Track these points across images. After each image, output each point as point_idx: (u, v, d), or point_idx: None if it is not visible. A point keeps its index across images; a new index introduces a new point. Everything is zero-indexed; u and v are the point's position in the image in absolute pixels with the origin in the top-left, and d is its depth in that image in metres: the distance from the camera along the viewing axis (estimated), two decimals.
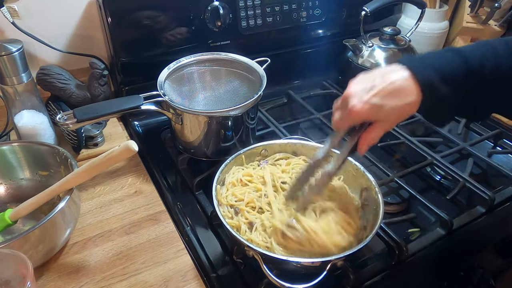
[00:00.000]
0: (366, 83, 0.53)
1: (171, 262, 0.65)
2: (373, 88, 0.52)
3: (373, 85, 0.52)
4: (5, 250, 0.50)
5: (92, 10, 0.94)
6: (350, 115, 0.53)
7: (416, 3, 1.06)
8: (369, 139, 0.56)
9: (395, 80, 0.52)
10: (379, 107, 0.52)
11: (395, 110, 0.52)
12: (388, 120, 0.54)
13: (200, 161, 0.84)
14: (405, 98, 0.52)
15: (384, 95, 0.51)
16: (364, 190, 0.68)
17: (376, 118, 0.54)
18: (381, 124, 0.55)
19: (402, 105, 0.52)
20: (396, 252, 0.66)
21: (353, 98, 0.52)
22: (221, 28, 0.97)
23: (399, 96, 0.52)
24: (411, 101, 0.52)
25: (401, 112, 0.53)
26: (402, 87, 0.51)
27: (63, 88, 0.88)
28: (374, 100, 0.51)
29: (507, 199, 0.79)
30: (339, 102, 0.56)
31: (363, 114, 0.52)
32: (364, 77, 0.55)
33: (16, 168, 0.72)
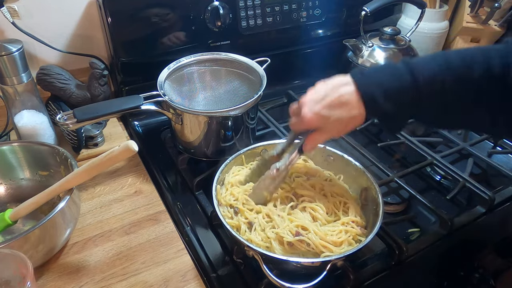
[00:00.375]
0: (319, 94, 0.57)
1: (171, 262, 0.65)
2: (324, 99, 0.56)
3: (325, 96, 0.56)
4: (5, 250, 0.50)
5: (92, 10, 0.94)
6: (302, 122, 0.58)
7: (416, 3, 1.06)
8: (314, 141, 0.61)
9: (343, 93, 0.55)
10: (326, 118, 0.56)
11: (340, 121, 0.56)
12: (333, 129, 0.59)
13: (200, 161, 0.84)
14: (350, 112, 0.55)
15: (331, 107, 0.56)
16: (364, 190, 0.68)
17: (324, 127, 0.58)
18: (326, 131, 0.59)
19: (347, 117, 0.56)
20: (396, 252, 0.66)
21: (305, 107, 0.57)
22: (221, 28, 0.97)
23: (345, 109, 0.55)
24: (355, 115, 0.55)
25: (346, 123, 0.57)
26: (348, 101, 0.55)
27: (63, 88, 0.88)
28: (322, 112, 0.56)
29: (507, 199, 0.79)
30: (295, 106, 0.60)
31: (313, 123, 0.57)
32: (320, 86, 0.58)
33: (16, 168, 0.72)
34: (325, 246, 0.59)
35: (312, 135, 0.60)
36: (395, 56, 1.05)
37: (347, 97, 0.55)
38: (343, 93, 0.55)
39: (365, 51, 1.06)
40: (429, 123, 0.62)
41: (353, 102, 0.55)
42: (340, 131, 0.59)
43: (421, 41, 1.18)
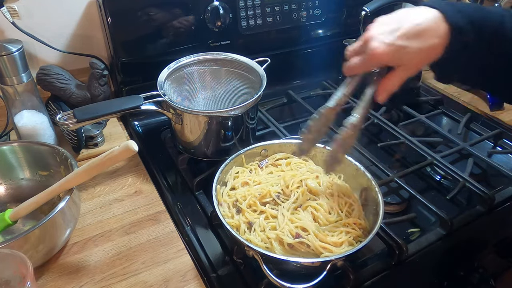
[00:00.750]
0: (389, 25, 0.51)
1: (171, 262, 0.65)
2: (399, 29, 0.49)
3: (399, 26, 0.50)
4: (5, 250, 0.50)
5: (92, 10, 0.94)
6: (371, 58, 0.50)
7: (416, 3, 1.06)
8: (390, 84, 0.53)
9: (423, 21, 0.49)
10: (403, 48, 0.49)
11: (419, 52, 0.50)
12: (410, 64, 0.52)
13: (200, 161, 0.84)
14: (431, 40, 0.49)
15: (409, 36, 0.49)
16: (364, 190, 0.68)
17: (399, 62, 0.51)
18: (403, 68, 0.52)
19: (427, 47, 0.50)
20: (396, 252, 0.66)
21: (374, 41, 0.50)
22: (221, 28, 0.97)
23: (425, 37, 0.49)
24: (437, 43, 0.50)
25: (425, 55, 0.51)
26: (429, 28, 0.49)
27: (63, 88, 0.88)
28: (399, 42, 0.49)
29: (507, 199, 0.79)
30: (356, 45, 0.53)
31: (386, 56, 0.50)
32: (387, 18, 0.52)
33: (16, 168, 0.72)
34: (324, 248, 0.58)
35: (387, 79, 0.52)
36: None
37: (428, 24, 0.49)
38: (422, 20, 0.49)
39: None
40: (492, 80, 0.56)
41: (436, 29, 0.49)
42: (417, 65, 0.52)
43: None
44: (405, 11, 0.51)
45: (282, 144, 0.75)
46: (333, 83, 1.13)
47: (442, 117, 1.07)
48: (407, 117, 1.02)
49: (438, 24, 0.49)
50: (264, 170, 0.72)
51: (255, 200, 0.65)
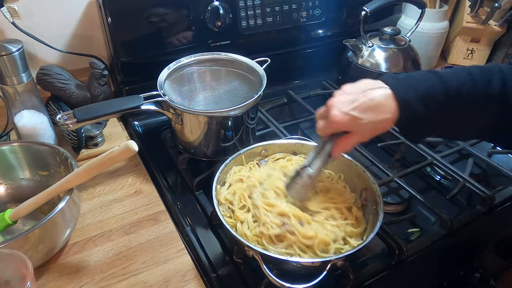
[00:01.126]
0: (349, 96, 0.57)
1: (171, 262, 0.65)
2: (355, 102, 0.56)
3: (356, 98, 0.56)
4: (5, 250, 0.50)
5: (92, 10, 0.94)
6: (331, 124, 0.57)
7: (416, 3, 1.06)
8: (344, 146, 0.60)
9: (376, 96, 0.55)
10: (358, 119, 0.56)
11: (372, 124, 0.56)
12: (364, 132, 0.58)
13: (200, 161, 0.84)
14: (382, 114, 0.55)
15: (363, 109, 0.55)
16: (364, 190, 0.68)
17: (355, 129, 0.58)
18: (357, 135, 0.58)
19: (379, 120, 0.56)
20: (396, 252, 0.66)
21: (334, 109, 0.56)
22: (221, 28, 0.97)
23: (378, 111, 0.55)
24: (388, 118, 0.55)
25: (377, 126, 0.56)
26: (381, 103, 0.55)
27: (63, 88, 0.88)
28: (353, 113, 0.55)
29: (507, 199, 0.79)
30: (322, 110, 0.60)
31: (342, 124, 0.56)
32: (349, 89, 0.58)
33: (16, 168, 0.72)
34: (309, 237, 0.59)
35: (342, 139, 0.59)
36: (395, 56, 1.05)
37: (381, 100, 0.55)
38: (376, 95, 0.55)
39: (365, 51, 1.06)
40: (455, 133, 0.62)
41: (387, 104, 0.55)
42: (369, 134, 0.58)
43: (421, 41, 1.18)
44: (365, 84, 0.58)
45: (282, 144, 0.75)
46: (333, 83, 1.13)
47: None
48: None
49: (388, 101, 0.55)
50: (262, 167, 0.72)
51: (243, 193, 0.65)
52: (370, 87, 0.57)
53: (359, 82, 0.59)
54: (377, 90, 0.56)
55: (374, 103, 0.55)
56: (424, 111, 0.54)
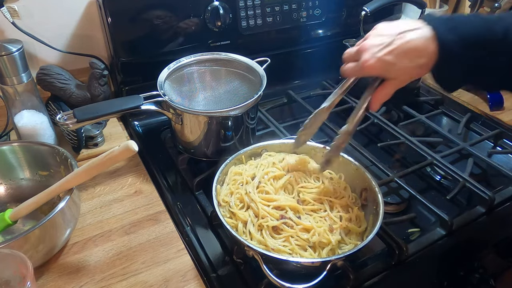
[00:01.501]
0: (383, 38, 0.53)
1: (171, 262, 0.65)
2: (390, 45, 0.52)
3: (391, 41, 0.52)
4: (5, 250, 0.50)
5: (92, 10, 0.94)
6: (362, 69, 0.53)
7: (416, 3, 1.06)
8: (382, 96, 0.56)
9: (414, 39, 0.51)
10: (392, 64, 0.52)
11: (406, 69, 0.52)
12: (399, 78, 0.54)
13: (200, 161, 0.84)
14: (418, 59, 0.51)
15: (398, 53, 0.51)
16: (364, 190, 0.68)
17: (388, 75, 0.54)
18: (393, 81, 0.54)
19: (414, 65, 0.52)
20: (396, 252, 0.66)
21: (367, 53, 0.52)
22: (221, 28, 0.97)
23: (413, 56, 0.51)
24: (424, 63, 0.51)
25: (412, 72, 0.53)
26: (418, 47, 0.51)
27: (63, 88, 0.88)
28: (387, 58, 0.51)
29: (507, 199, 0.79)
30: (353, 50, 0.56)
31: (374, 70, 0.53)
32: (384, 29, 0.54)
33: (16, 168, 0.72)
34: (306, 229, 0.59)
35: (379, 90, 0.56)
36: None
37: (419, 42, 0.51)
38: (414, 37, 0.51)
39: None
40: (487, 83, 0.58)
41: (425, 48, 0.51)
42: (405, 80, 0.54)
43: None
44: (402, 25, 0.53)
45: (282, 144, 0.75)
46: (333, 83, 1.13)
47: (442, 117, 1.07)
48: (407, 117, 1.02)
49: (427, 43, 0.51)
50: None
51: (240, 192, 0.65)
52: (408, 27, 0.52)
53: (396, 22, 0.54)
54: (415, 32, 0.51)
55: (411, 46, 0.51)
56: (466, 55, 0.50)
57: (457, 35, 0.50)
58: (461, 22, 0.52)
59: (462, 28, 0.51)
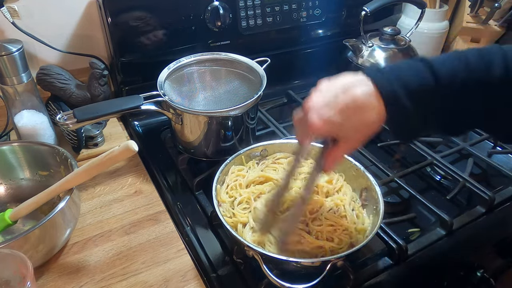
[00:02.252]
0: (328, 96, 0.50)
1: (171, 262, 0.65)
2: (334, 104, 0.49)
3: (335, 100, 0.49)
4: (5, 250, 0.50)
5: (92, 10, 0.94)
6: (310, 131, 0.50)
7: (416, 3, 1.06)
8: (334, 158, 0.53)
9: (359, 95, 0.48)
10: (339, 125, 0.49)
11: (356, 128, 0.50)
12: (350, 138, 0.51)
13: (200, 161, 0.84)
14: (367, 116, 0.49)
15: (344, 112, 0.48)
16: (364, 190, 0.68)
17: (338, 135, 0.51)
18: (345, 142, 0.52)
19: (364, 123, 0.49)
20: (396, 252, 0.66)
21: (312, 114, 0.49)
22: (221, 28, 0.97)
23: (361, 113, 0.48)
24: (374, 119, 0.49)
25: (363, 130, 0.50)
26: (364, 104, 0.48)
27: (63, 88, 0.88)
28: (333, 119, 0.48)
29: (507, 199, 0.79)
30: (299, 114, 0.53)
31: (322, 130, 0.49)
32: (327, 87, 0.51)
33: (16, 168, 0.72)
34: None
35: (331, 152, 0.53)
36: (395, 56, 1.05)
37: (364, 99, 0.48)
38: (358, 94, 0.48)
39: (365, 51, 1.06)
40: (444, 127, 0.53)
41: (371, 104, 0.48)
42: (358, 139, 0.51)
43: (421, 41, 1.18)
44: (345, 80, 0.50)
45: (282, 144, 0.75)
46: None
47: None
48: None
49: (372, 100, 0.48)
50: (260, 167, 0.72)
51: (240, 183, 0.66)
52: (351, 83, 0.49)
53: (339, 77, 0.51)
54: (358, 88, 0.48)
55: (356, 104, 0.48)
56: (414, 106, 0.47)
57: (401, 87, 0.47)
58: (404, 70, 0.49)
59: (406, 78, 0.48)
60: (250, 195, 0.66)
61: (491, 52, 0.49)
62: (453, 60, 0.49)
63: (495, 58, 0.48)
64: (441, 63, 0.49)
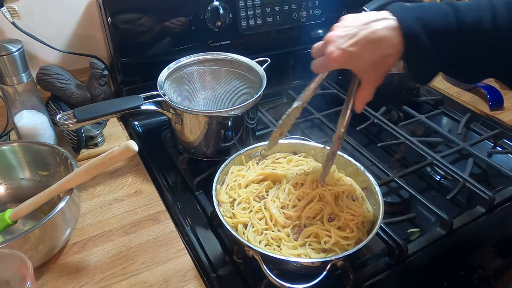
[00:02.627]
0: (348, 29, 0.52)
1: (171, 262, 0.65)
2: (354, 36, 0.51)
3: (356, 32, 0.51)
4: (5, 250, 0.50)
5: (92, 10, 0.94)
6: (327, 61, 0.52)
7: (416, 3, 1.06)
8: (363, 97, 0.56)
9: (379, 29, 0.50)
10: (356, 56, 0.51)
11: (373, 61, 0.51)
12: (369, 73, 0.53)
13: (200, 161, 0.84)
14: (383, 50, 0.50)
15: (363, 44, 0.50)
16: (364, 190, 0.68)
17: (355, 68, 0.53)
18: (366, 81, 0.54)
19: (379, 56, 0.51)
20: (396, 252, 0.66)
21: (331, 44, 0.51)
22: (221, 28, 0.97)
23: (378, 46, 0.50)
24: (389, 54, 0.50)
25: (379, 63, 0.52)
26: (383, 37, 0.50)
27: (63, 88, 0.88)
28: (351, 49, 0.50)
29: (507, 199, 0.79)
30: (320, 44, 0.55)
31: (339, 61, 0.51)
32: (349, 20, 0.53)
33: (16, 168, 0.72)
34: None
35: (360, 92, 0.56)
36: None
37: (383, 33, 0.49)
38: (379, 27, 0.50)
39: None
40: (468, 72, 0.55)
41: (390, 38, 0.49)
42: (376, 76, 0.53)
43: None
44: (368, 15, 0.52)
45: (282, 144, 0.75)
46: (333, 83, 1.13)
47: (442, 117, 1.07)
48: (407, 117, 1.02)
49: (392, 34, 0.49)
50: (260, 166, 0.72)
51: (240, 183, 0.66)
52: (373, 18, 0.51)
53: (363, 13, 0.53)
54: (380, 22, 0.50)
55: (376, 37, 0.49)
56: (432, 45, 0.49)
57: (422, 25, 0.49)
58: (429, 11, 0.50)
59: (429, 18, 0.49)
60: (249, 195, 0.66)
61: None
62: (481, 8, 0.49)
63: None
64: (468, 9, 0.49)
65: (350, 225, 0.61)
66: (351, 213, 0.62)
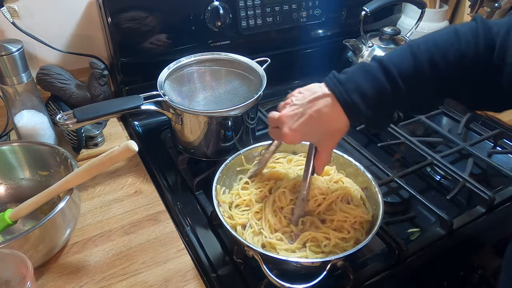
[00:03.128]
0: (296, 108, 0.56)
1: (171, 262, 0.65)
2: (302, 116, 0.55)
3: (302, 112, 0.55)
4: (5, 250, 0.50)
5: (92, 10, 0.94)
6: (284, 140, 0.57)
7: (416, 3, 1.06)
8: (322, 161, 0.60)
9: (321, 107, 0.54)
10: (307, 134, 0.56)
11: (324, 136, 0.56)
12: (323, 144, 0.58)
13: (200, 161, 0.84)
14: (331, 125, 0.54)
15: (311, 123, 0.54)
16: (364, 190, 0.68)
17: (310, 141, 0.59)
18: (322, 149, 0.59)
19: (329, 131, 0.55)
20: (396, 252, 0.66)
21: (284, 125, 0.56)
22: (221, 28, 0.97)
23: (326, 124, 0.54)
24: (337, 128, 0.55)
25: (330, 135, 0.56)
26: (327, 114, 0.53)
27: (63, 88, 0.88)
28: (303, 130, 0.55)
29: (507, 199, 0.79)
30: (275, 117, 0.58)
31: (294, 141, 0.56)
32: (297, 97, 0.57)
33: (16, 168, 0.72)
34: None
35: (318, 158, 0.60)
36: None
37: (326, 110, 0.53)
38: (321, 106, 0.54)
39: (365, 51, 1.06)
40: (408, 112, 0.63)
41: (333, 114, 0.53)
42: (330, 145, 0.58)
43: None
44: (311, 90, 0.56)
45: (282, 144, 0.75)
46: None
47: (442, 117, 1.07)
48: (407, 117, 1.02)
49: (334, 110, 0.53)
50: None
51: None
52: (315, 94, 0.55)
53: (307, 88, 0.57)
54: (321, 101, 0.54)
55: (321, 115, 0.53)
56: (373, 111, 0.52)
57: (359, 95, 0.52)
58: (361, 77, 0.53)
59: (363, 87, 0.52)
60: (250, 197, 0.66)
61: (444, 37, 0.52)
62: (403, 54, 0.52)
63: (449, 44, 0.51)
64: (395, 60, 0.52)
65: (344, 226, 0.61)
66: (344, 215, 0.63)
